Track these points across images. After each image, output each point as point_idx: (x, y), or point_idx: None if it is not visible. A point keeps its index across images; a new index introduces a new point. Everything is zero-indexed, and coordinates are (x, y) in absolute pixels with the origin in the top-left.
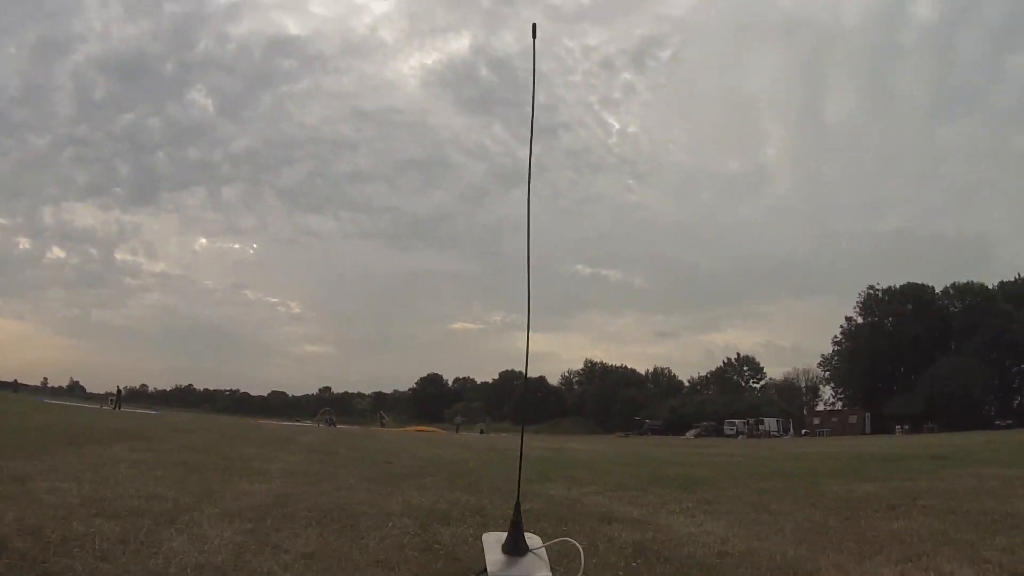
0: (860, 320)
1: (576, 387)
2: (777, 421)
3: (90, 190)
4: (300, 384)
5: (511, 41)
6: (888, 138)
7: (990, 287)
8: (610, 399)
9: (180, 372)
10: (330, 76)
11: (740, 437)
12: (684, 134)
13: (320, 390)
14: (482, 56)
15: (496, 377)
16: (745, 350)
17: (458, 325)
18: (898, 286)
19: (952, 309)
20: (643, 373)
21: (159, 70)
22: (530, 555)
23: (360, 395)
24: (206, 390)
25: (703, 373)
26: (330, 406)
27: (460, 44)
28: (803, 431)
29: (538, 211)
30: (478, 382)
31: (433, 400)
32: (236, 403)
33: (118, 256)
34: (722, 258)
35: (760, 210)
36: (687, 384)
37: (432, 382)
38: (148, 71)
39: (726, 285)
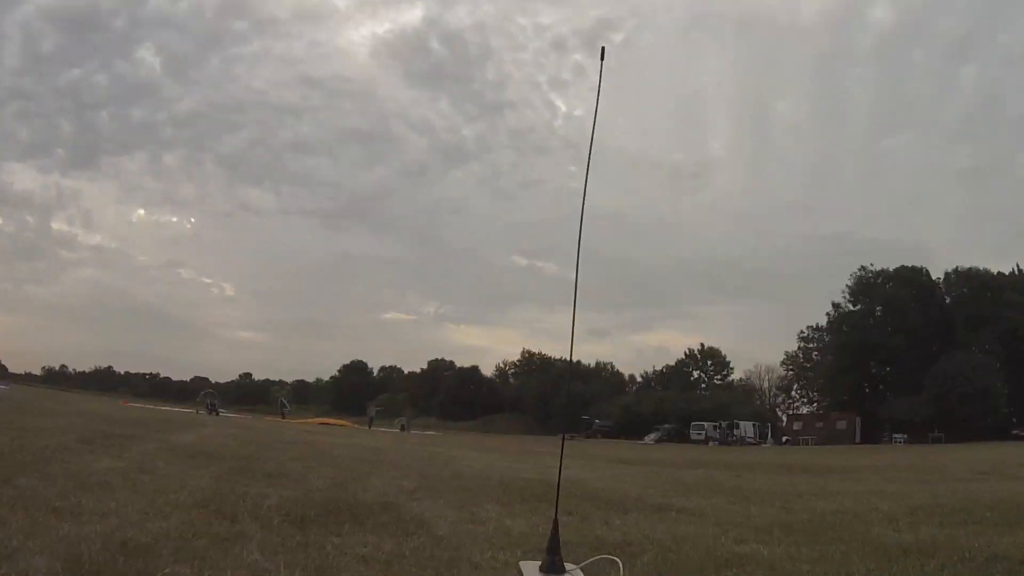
0: (850, 307)
1: (512, 380)
2: (754, 425)
3: (31, 150)
4: (225, 370)
5: (464, 15)
6: (833, 143)
7: (995, 273)
8: (552, 394)
9: (105, 353)
10: (281, 40)
11: (711, 443)
12: (630, 121)
13: (240, 376)
14: (434, 28)
15: (424, 367)
16: (677, 352)
17: (391, 315)
18: (892, 268)
19: (947, 298)
20: (589, 366)
21: (109, 25)
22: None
23: (281, 383)
24: (127, 373)
25: (658, 367)
26: (284, 398)
27: (413, 15)
28: (784, 438)
29: (479, 193)
30: (405, 372)
31: (356, 390)
32: (154, 388)
33: (54, 226)
34: (660, 255)
35: (700, 206)
36: (639, 379)
37: (355, 371)
38: (98, 25)
39: (662, 284)
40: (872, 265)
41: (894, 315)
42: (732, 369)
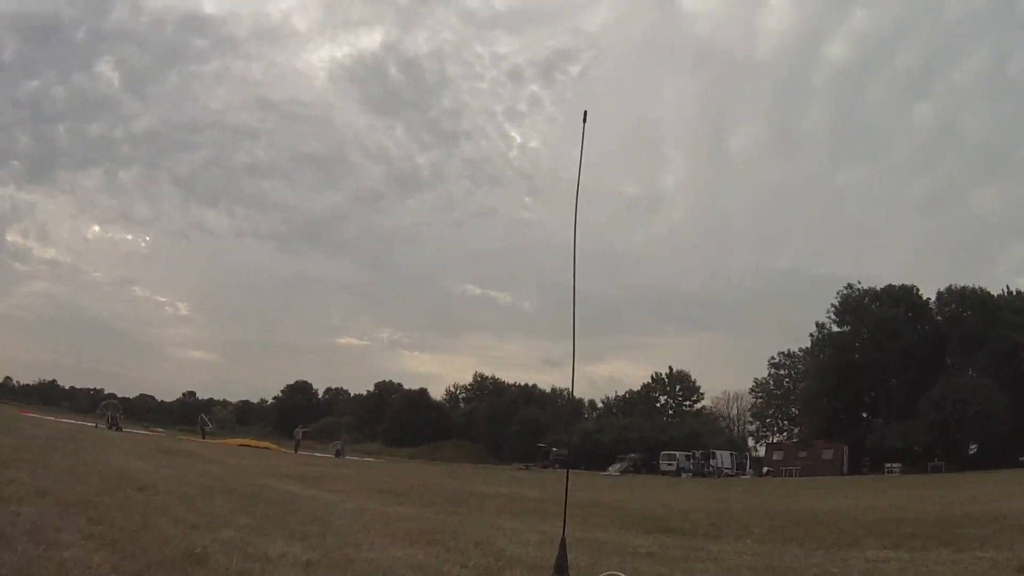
0: (835, 328)
1: (464, 405)
2: (731, 455)
3: None
4: (172, 389)
5: (422, 42)
6: (788, 176)
7: (994, 294)
8: (505, 420)
9: (51, 367)
10: (240, 60)
11: (684, 475)
12: (585, 153)
13: (184, 394)
14: (393, 55)
15: (371, 389)
16: (629, 383)
17: (344, 339)
18: (879, 288)
19: (940, 318)
20: (546, 391)
21: (71, 36)
22: None
23: (225, 403)
24: (71, 388)
25: (620, 392)
26: (204, 412)
27: (372, 39)
28: (765, 470)
29: (433, 221)
30: (352, 394)
31: (301, 411)
32: (96, 403)
33: (9, 238)
34: (612, 285)
35: (654, 238)
36: (600, 405)
37: (300, 391)
38: (59, 36)
39: (614, 314)
40: (859, 283)
41: (884, 336)
42: (702, 395)
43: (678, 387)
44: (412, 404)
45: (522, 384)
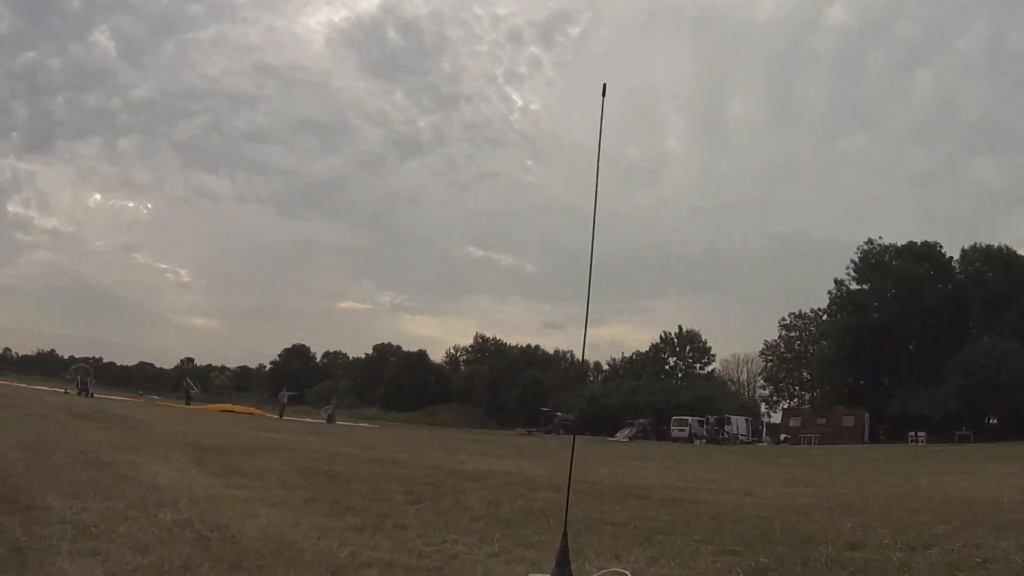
0: (854, 286)
1: (464, 367)
2: (747, 421)
3: None
4: (172, 356)
5: (420, 3)
6: (789, 142)
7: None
8: (507, 383)
9: (52, 337)
10: (237, 26)
11: (698, 442)
12: (586, 116)
13: (182, 361)
14: (391, 17)
15: (370, 351)
16: (632, 347)
17: (347, 304)
18: (900, 244)
19: (963, 277)
20: (550, 352)
21: (65, 7)
22: None
23: (222, 368)
24: (70, 357)
25: (627, 354)
26: (191, 378)
27: (370, 2)
28: (783, 437)
29: (434, 184)
30: (351, 358)
31: (298, 376)
32: (95, 372)
33: (10, 208)
34: (614, 248)
35: (656, 200)
36: (606, 367)
37: (297, 355)
38: (54, 7)
39: (616, 277)
40: (880, 239)
41: (908, 295)
42: (713, 357)
43: (688, 348)
44: (411, 367)
45: (524, 345)
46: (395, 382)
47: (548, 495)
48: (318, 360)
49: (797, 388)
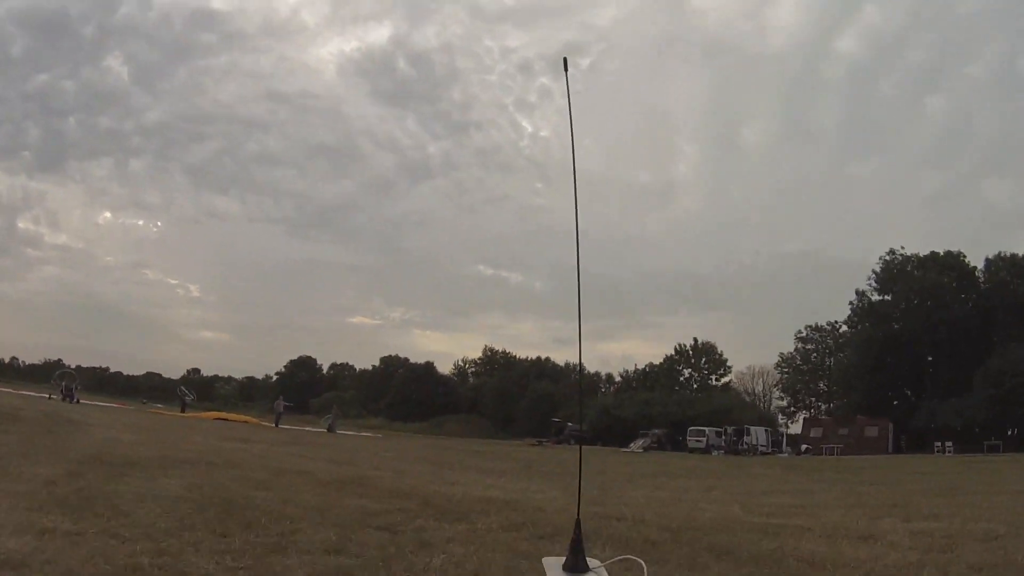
0: (876, 296)
1: (472, 379)
2: (765, 432)
3: None
4: (178, 367)
5: (431, 36)
6: (799, 167)
7: None
8: (516, 395)
9: (60, 350)
10: (248, 55)
11: (716, 452)
12: (596, 143)
13: (188, 371)
14: (401, 49)
15: (376, 363)
16: (643, 361)
17: (356, 319)
18: (923, 254)
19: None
20: (561, 365)
21: (79, 31)
22: (591, 574)
23: (228, 379)
24: (77, 367)
25: (640, 365)
26: (186, 386)
27: (380, 34)
28: (804, 447)
29: (444, 207)
30: (357, 369)
31: (304, 387)
32: (102, 382)
33: (20, 224)
34: (624, 268)
35: (666, 223)
36: (618, 379)
37: (303, 366)
38: (68, 31)
39: (625, 295)
40: (902, 248)
41: (933, 305)
42: (729, 368)
43: (703, 360)
44: (417, 378)
45: (534, 358)
46: (402, 393)
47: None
48: (325, 372)
49: (813, 399)
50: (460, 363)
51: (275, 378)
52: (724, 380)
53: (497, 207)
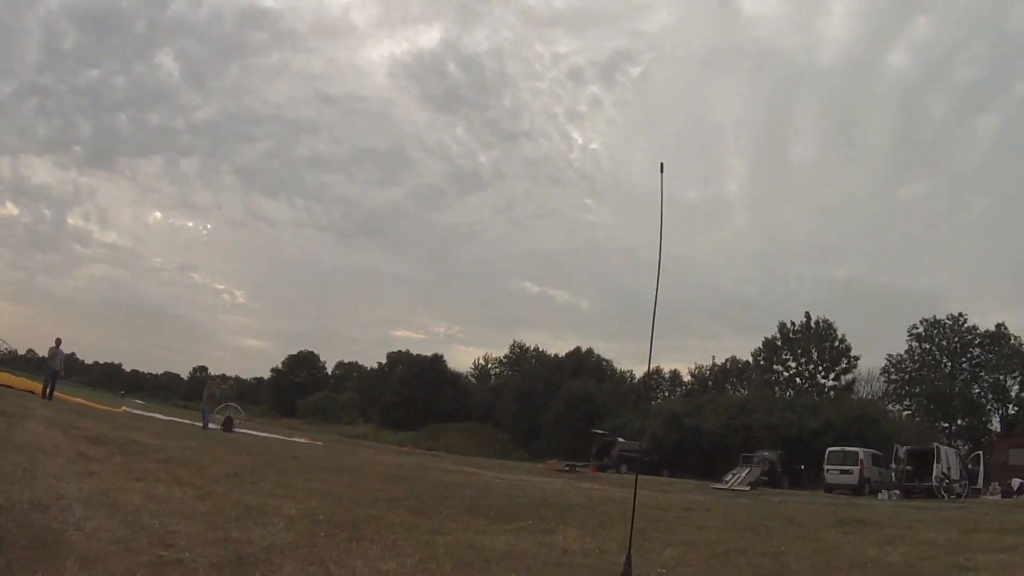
0: None
1: (493, 379)
2: (956, 456)
3: (49, 145)
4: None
5: (482, 39)
6: (849, 187)
7: None
8: (545, 396)
9: (113, 352)
10: (299, 55)
11: (884, 496)
12: (645, 157)
13: (195, 369)
14: (452, 52)
15: (383, 361)
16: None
17: (400, 332)
18: None
19: None
20: (602, 359)
21: (130, 28)
22: None
23: (223, 376)
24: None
25: (720, 360)
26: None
27: (431, 37)
28: (1018, 483)
29: (493, 219)
30: (367, 368)
31: (305, 386)
32: (105, 378)
33: (70, 220)
34: (669, 288)
35: (714, 244)
36: (689, 377)
37: (303, 363)
38: (119, 27)
39: (670, 316)
40: None
41: None
42: (856, 360)
43: (816, 349)
44: (419, 375)
45: (579, 348)
46: (399, 393)
47: None
48: (329, 372)
49: (925, 401)
50: (481, 360)
51: (270, 375)
52: (848, 378)
53: (547, 221)
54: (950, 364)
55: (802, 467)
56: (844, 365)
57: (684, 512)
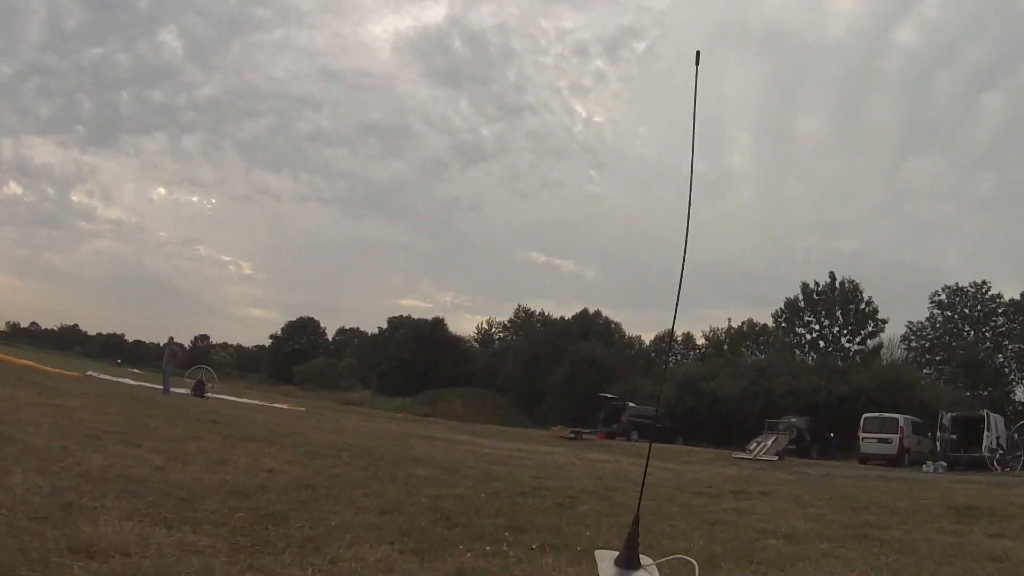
0: None
1: (497, 343)
2: (1004, 424)
3: (51, 125)
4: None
5: (487, 15)
6: (855, 162)
7: None
8: (550, 359)
9: (120, 324)
10: (303, 31)
11: (928, 468)
12: (650, 130)
13: (196, 338)
14: (457, 27)
15: (384, 326)
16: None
17: (407, 301)
18: None
19: None
20: (607, 321)
21: (133, 5)
22: (642, 571)
23: (223, 344)
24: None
25: (736, 323)
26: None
27: (436, 12)
28: None
29: (497, 191)
30: (369, 334)
31: (307, 352)
32: (108, 348)
33: (74, 198)
34: (674, 259)
35: (719, 216)
36: (703, 340)
37: (303, 330)
38: (123, 5)
39: (675, 287)
40: None
41: None
42: (883, 323)
43: (840, 310)
44: (419, 339)
45: (586, 310)
46: (397, 358)
47: None
48: (330, 338)
49: (959, 369)
50: (484, 325)
51: (270, 342)
52: (874, 342)
53: (551, 193)
54: (972, 332)
55: (831, 435)
56: (871, 328)
57: (737, 500)
